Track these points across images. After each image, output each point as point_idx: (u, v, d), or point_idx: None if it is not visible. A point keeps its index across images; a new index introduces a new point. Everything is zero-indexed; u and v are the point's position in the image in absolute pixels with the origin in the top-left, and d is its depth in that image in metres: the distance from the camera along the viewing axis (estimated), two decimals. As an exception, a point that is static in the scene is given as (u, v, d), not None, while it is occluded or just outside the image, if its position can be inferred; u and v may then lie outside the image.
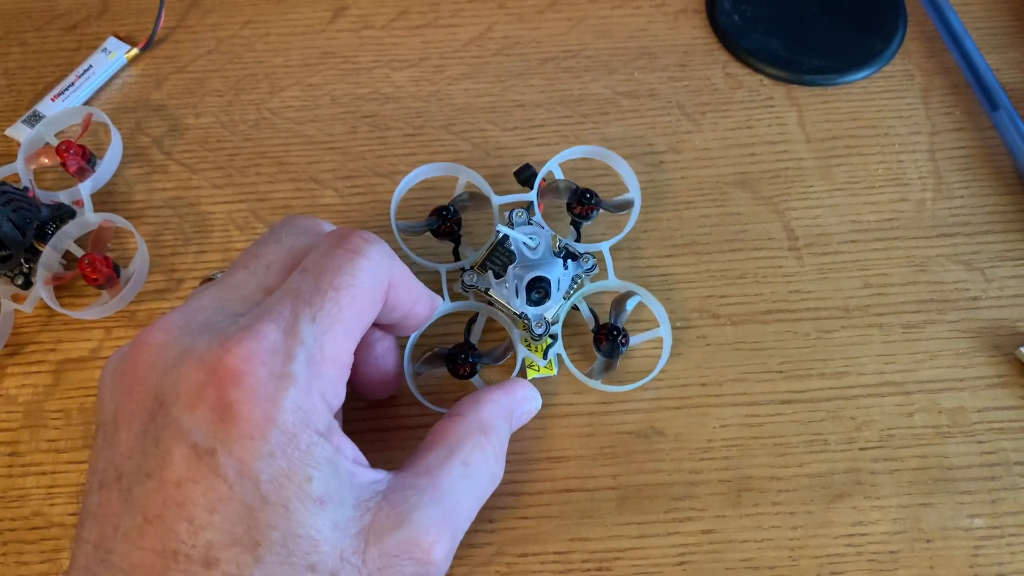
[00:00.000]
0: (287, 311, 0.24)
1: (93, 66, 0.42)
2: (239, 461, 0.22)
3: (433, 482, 0.26)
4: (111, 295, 0.35)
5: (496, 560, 0.31)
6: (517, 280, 0.32)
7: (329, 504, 0.23)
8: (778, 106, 0.40)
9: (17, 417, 0.34)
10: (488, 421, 0.28)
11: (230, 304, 0.25)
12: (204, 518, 0.22)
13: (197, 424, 0.22)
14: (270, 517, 0.22)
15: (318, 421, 0.24)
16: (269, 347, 0.23)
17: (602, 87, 0.41)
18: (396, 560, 0.24)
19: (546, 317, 0.33)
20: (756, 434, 0.33)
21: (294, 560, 0.22)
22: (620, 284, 0.34)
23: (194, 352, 0.23)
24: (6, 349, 0.35)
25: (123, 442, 0.24)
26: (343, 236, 0.26)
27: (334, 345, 0.24)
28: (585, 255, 0.34)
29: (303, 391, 0.23)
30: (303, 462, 0.23)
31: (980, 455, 0.32)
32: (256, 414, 0.22)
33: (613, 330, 0.33)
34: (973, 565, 0.31)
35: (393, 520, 0.24)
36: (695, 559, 0.31)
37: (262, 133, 0.40)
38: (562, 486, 0.32)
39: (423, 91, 0.41)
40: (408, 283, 0.28)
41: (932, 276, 0.36)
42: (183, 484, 0.22)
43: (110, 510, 0.23)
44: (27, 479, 0.33)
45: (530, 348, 0.33)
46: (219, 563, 0.22)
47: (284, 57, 0.43)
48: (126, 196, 0.39)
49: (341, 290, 0.25)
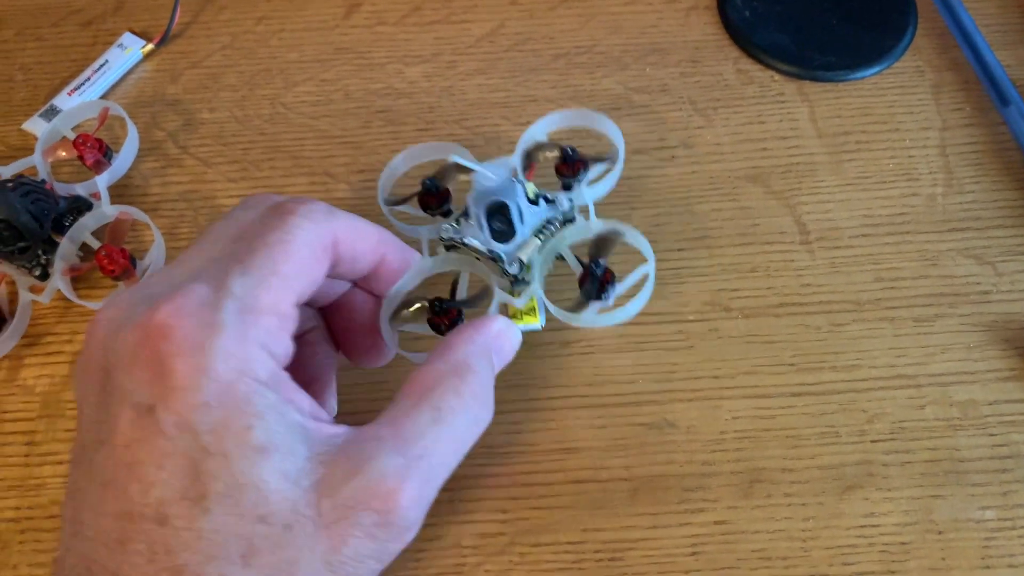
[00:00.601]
0: (219, 271, 0.24)
1: (109, 61, 0.42)
2: (176, 415, 0.22)
3: (395, 431, 0.25)
4: (127, 287, 0.35)
5: (509, 550, 0.31)
6: (477, 209, 0.31)
7: (274, 453, 0.23)
8: (789, 102, 0.41)
9: (34, 407, 0.34)
10: (463, 361, 0.27)
11: (176, 277, 0.25)
12: (152, 475, 0.22)
13: (136, 384, 0.22)
14: (212, 467, 0.22)
15: (258, 369, 0.23)
16: (197, 300, 0.23)
17: (614, 83, 0.41)
18: (353, 512, 0.23)
19: (519, 257, 0.31)
20: (768, 426, 0.33)
21: (242, 511, 0.22)
22: (602, 224, 0.32)
23: (132, 318, 0.23)
24: (24, 340, 0.36)
25: (85, 417, 0.24)
26: (278, 204, 0.26)
27: (269, 296, 0.24)
28: (561, 199, 0.32)
29: (234, 339, 0.23)
30: (241, 411, 0.22)
31: (991, 448, 0.33)
32: (187, 365, 0.22)
33: (592, 265, 0.31)
34: (984, 557, 0.31)
35: (347, 471, 0.23)
36: (707, 550, 0.31)
37: (276, 127, 0.41)
38: (575, 477, 0.32)
39: (436, 86, 0.42)
40: (363, 233, 0.28)
41: (943, 270, 0.36)
42: (131, 445, 0.22)
43: (79, 484, 0.23)
44: (44, 468, 0.33)
45: (509, 294, 0.31)
46: (170, 519, 0.22)
47: (298, 52, 0.43)
48: (142, 189, 0.39)
49: (273, 245, 0.25)
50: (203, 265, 0.25)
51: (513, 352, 0.29)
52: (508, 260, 0.31)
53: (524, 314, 0.31)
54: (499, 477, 0.32)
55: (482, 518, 0.32)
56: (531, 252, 0.32)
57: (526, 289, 0.31)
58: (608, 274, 0.31)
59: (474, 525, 0.32)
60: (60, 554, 0.24)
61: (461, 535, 0.31)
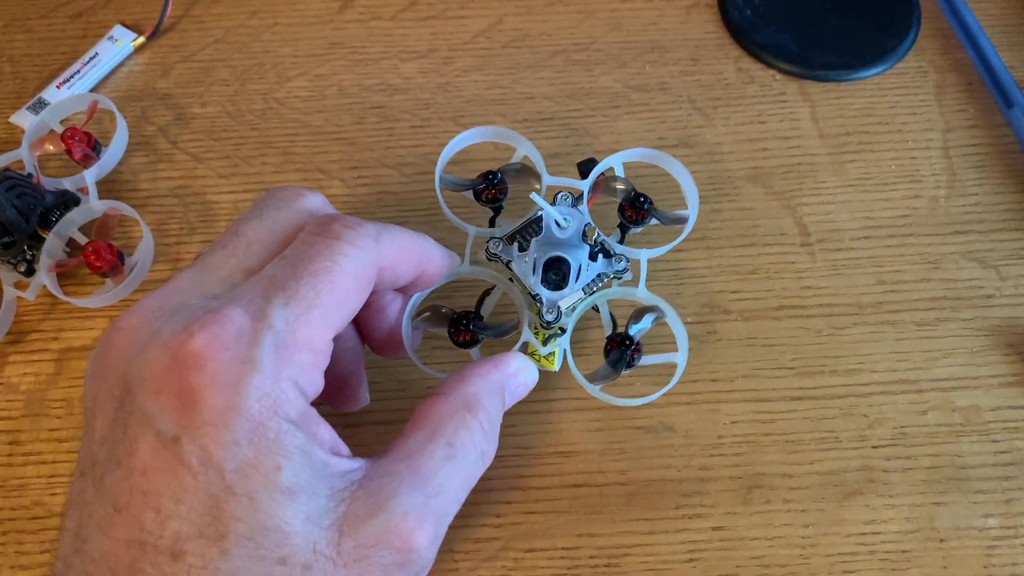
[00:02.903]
0: (258, 296, 0.23)
1: (99, 54, 0.41)
2: (203, 449, 0.21)
3: (412, 466, 0.24)
4: (115, 283, 0.35)
5: (503, 555, 0.31)
6: (537, 254, 0.31)
7: (300, 495, 0.22)
8: (790, 101, 0.40)
9: (18, 406, 0.34)
10: (474, 396, 0.27)
11: (207, 285, 0.24)
12: (170, 508, 0.21)
13: (161, 411, 0.22)
14: (236, 508, 0.22)
15: (289, 409, 0.23)
16: (234, 332, 0.22)
17: (613, 80, 0.41)
18: (373, 551, 0.23)
19: (560, 305, 0.31)
20: (767, 431, 0.33)
21: (263, 553, 0.22)
22: (648, 296, 0.32)
23: (160, 336, 0.23)
24: (8, 337, 0.35)
25: (98, 429, 0.23)
26: (324, 223, 0.25)
27: (308, 331, 0.23)
28: (619, 256, 0.32)
29: (269, 377, 0.22)
30: (271, 451, 0.22)
31: (994, 454, 0.32)
32: (218, 401, 0.22)
33: (626, 339, 0.31)
34: (987, 565, 0.30)
35: (369, 509, 0.23)
36: (705, 556, 0.30)
37: (269, 123, 0.40)
38: (570, 481, 0.32)
39: (431, 82, 0.41)
40: (406, 253, 0.27)
41: (946, 273, 0.36)
42: (149, 472, 0.22)
43: (86, 498, 0.23)
44: (27, 468, 0.32)
45: (536, 335, 0.31)
46: (185, 555, 0.21)
47: (292, 47, 0.42)
48: (131, 184, 0.38)
49: (319, 275, 0.24)
50: (236, 275, 0.25)
51: (527, 391, 0.30)
52: (547, 306, 0.31)
53: (543, 358, 0.31)
54: (493, 481, 0.32)
55: (476, 522, 0.31)
56: (572, 303, 0.31)
57: (555, 338, 0.31)
58: (637, 348, 0.31)
59: (468, 530, 0.31)
60: (59, 567, 0.23)
61: (454, 540, 0.31)
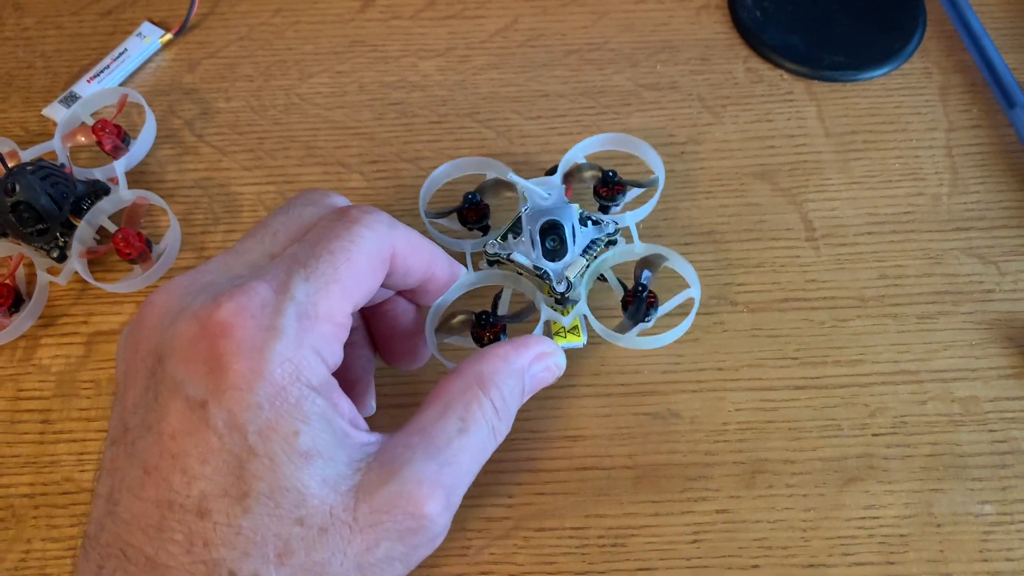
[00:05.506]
0: (281, 272, 0.25)
1: (128, 50, 0.43)
2: (228, 412, 0.23)
3: (426, 439, 0.26)
4: (143, 269, 0.36)
5: (514, 534, 0.32)
6: (531, 226, 0.32)
7: (317, 459, 0.23)
8: (798, 101, 0.41)
9: (50, 386, 0.35)
10: (488, 374, 0.27)
11: (234, 268, 0.26)
12: (196, 468, 0.23)
13: (190, 377, 0.23)
14: (257, 468, 0.23)
15: (310, 375, 0.24)
16: (259, 302, 0.24)
17: (624, 79, 0.42)
18: (388, 516, 0.24)
19: (567, 275, 0.32)
20: (771, 418, 0.34)
21: (282, 512, 0.23)
22: (646, 248, 0.33)
23: (190, 309, 0.24)
24: (40, 320, 0.36)
25: (129, 399, 0.24)
26: (343, 210, 0.27)
27: (328, 303, 0.25)
28: (608, 221, 0.33)
29: (292, 344, 0.24)
30: (291, 415, 0.23)
31: (991, 443, 0.33)
32: (244, 366, 0.23)
33: (638, 287, 0.32)
34: (982, 550, 0.31)
35: (383, 477, 0.24)
36: (709, 538, 0.32)
37: (291, 118, 0.41)
38: (579, 464, 0.33)
39: (449, 80, 0.42)
40: (418, 248, 0.28)
41: (947, 268, 0.37)
42: (177, 436, 0.23)
43: (118, 464, 0.24)
44: (59, 446, 0.34)
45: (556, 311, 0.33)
46: (211, 513, 0.23)
47: (314, 45, 0.43)
48: (158, 176, 0.40)
49: (337, 253, 0.25)
50: (261, 260, 0.26)
51: (553, 377, 0.30)
52: (556, 278, 0.32)
53: (568, 332, 0.33)
54: (505, 463, 0.33)
55: (488, 503, 0.32)
56: (578, 271, 0.33)
57: (572, 308, 0.32)
58: (652, 297, 0.32)
59: (480, 509, 0.32)
60: (92, 530, 0.24)
61: (466, 519, 0.32)
